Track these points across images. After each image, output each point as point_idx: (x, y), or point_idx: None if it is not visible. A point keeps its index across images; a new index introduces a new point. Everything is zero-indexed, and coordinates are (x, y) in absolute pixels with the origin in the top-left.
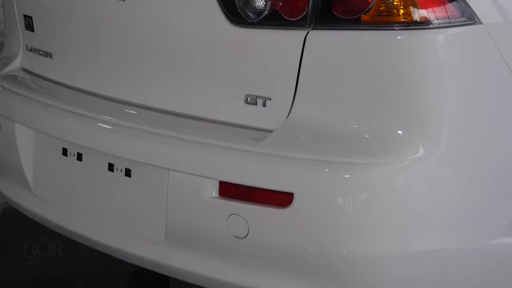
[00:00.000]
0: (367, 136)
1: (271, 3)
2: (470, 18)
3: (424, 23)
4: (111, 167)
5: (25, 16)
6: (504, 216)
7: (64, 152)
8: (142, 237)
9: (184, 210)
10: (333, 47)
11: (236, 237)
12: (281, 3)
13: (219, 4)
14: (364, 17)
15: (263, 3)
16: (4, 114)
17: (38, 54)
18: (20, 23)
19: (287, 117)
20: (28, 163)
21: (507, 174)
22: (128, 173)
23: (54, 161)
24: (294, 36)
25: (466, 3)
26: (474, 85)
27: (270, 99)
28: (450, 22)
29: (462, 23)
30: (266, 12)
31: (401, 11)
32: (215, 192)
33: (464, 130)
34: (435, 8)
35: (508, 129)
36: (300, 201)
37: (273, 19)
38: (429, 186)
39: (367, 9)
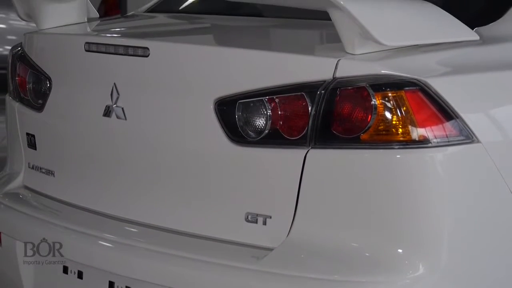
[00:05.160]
0: (367, 254)
1: (271, 122)
2: (468, 136)
3: (423, 142)
4: (111, 285)
5: (27, 134)
6: None
7: (65, 270)
8: None
9: None
10: (333, 166)
11: None
12: (281, 122)
13: (220, 123)
14: (363, 136)
15: (263, 122)
16: (5, 232)
17: (40, 172)
18: (22, 141)
19: (288, 235)
20: (29, 281)
21: None
22: None
23: (55, 279)
24: (294, 155)
25: (464, 122)
26: (473, 204)
27: (271, 217)
28: (448, 141)
29: (461, 141)
30: (266, 131)
31: (400, 130)
32: None
33: (463, 248)
34: (433, 127)
35: (508, 247)
36: None
37: (273, 138)
38: None
39: (366, 128)
